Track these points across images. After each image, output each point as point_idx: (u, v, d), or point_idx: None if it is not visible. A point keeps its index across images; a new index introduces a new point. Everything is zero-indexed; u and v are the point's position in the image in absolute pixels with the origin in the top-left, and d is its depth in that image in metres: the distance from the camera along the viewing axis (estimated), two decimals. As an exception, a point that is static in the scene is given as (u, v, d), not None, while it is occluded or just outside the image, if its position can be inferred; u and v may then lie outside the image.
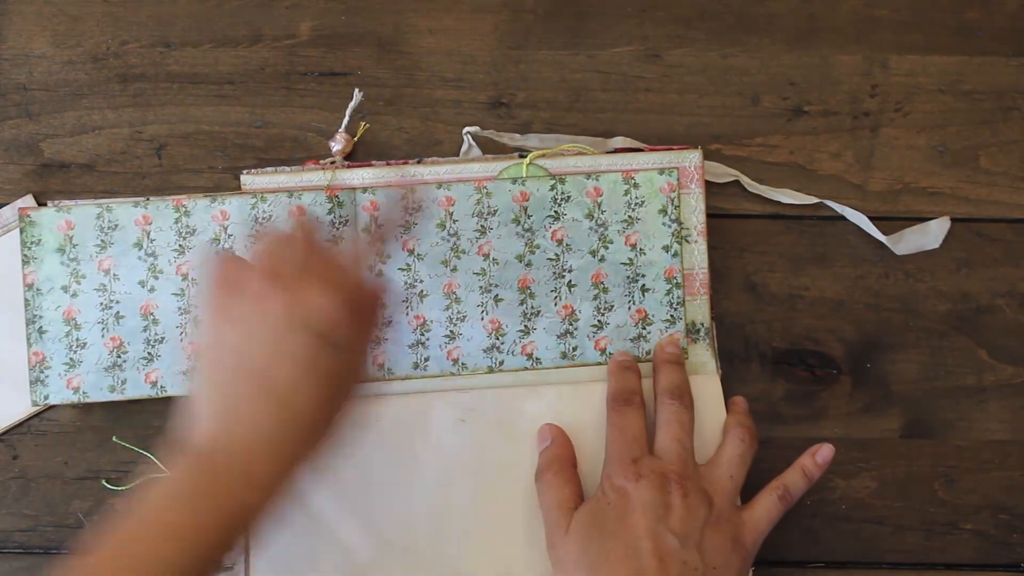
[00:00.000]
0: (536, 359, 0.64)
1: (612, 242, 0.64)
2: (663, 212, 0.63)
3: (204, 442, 0.50)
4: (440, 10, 0.69)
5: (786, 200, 0.66)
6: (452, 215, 0.63)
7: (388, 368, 0.63)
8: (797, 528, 0.63)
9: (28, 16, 0.68)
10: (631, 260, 0.64)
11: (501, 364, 0.64)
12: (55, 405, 0.63)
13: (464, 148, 0.66)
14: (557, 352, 0.64)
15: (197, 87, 0.68)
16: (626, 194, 0.64)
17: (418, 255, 0.63)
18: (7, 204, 0.65)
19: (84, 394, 0.62)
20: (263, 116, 0.67)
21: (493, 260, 0.64)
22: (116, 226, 0.63)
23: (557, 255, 0.64)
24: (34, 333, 0.63)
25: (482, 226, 0.64)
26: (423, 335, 0.63)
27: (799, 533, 0.63)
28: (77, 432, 0.64)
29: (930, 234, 0.66)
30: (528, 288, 0.64)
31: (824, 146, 0.67)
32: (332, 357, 0.51)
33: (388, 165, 0.64)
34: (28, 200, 0.65)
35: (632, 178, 0.64)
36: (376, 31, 0.68)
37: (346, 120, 0.66)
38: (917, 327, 0.65)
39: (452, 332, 0.63)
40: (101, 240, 0.63)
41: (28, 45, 0.68)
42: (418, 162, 0.64)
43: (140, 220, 0.63)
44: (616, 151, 0.65)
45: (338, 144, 0.66)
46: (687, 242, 0.64)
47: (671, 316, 0.64)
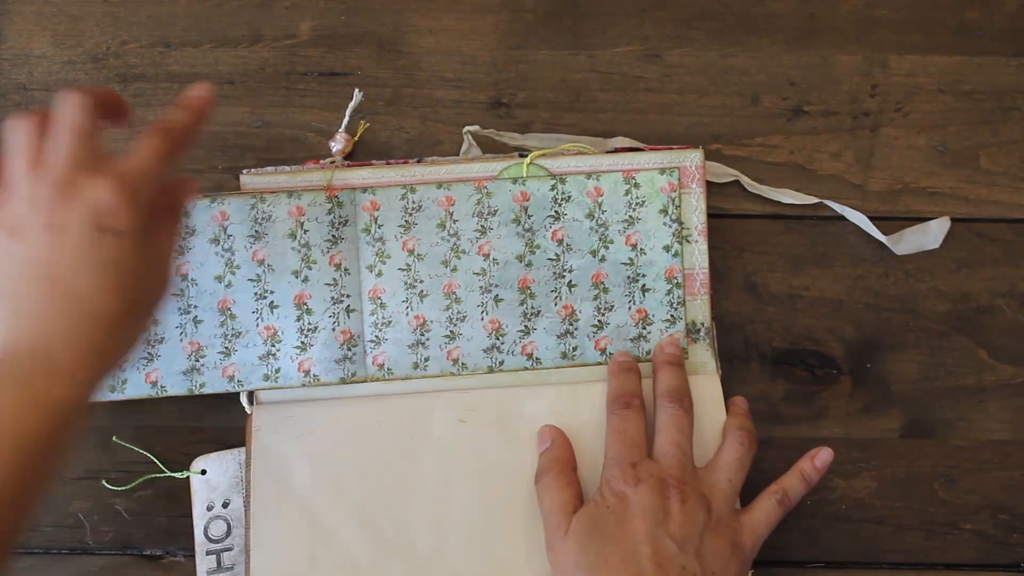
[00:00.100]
0: (536, 359, 0.64)
1: (612, 242, 0.63)
2: (664, 212, 0.63)
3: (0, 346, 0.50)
4: (440, 10, 0.69)
5: (786, 200, 0.66)
6: (452, 215, 0.63)
7: (388, 368, 0.63)
8: (797, 528, 0.63)
9: (28, 16, 0.68)
10: (631, 260, 0.64)
11: (501, 364, 0.64)
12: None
13: (464, 147, 0.66)
14: (557, 352, 0.64)
15: (197, 87, 0.68)
16: (627, 194, 0.63)
17: (418, 255, 0.63)
18: (7, 204, 0.65)
19: None
20: (263, 116, 0.67)
21: (493, 260, 0.63)
22: None
23: (557, 255, 0.64)
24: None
25: (482, 226, 0.63)
26: (423, 335, 0.63)
27: (799, 533, 0.63)
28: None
29: (930, 234, 0.66)
30: (528, 288, 0.64)
31: (824, 146, 0.67)
32: (115, 245, 0.50)
33: (388, 165, 0.64)
34: (28, 200, 0.65)
35: (633, 178, 0.64)
36: (376, 31, 0.68)
37: (346, 120, 0.66)
38: (917, 327, 0.65)
39: (452, 332, 0.63)
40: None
41: (28, 45, 0.68)
42: (418, 162, 0.64)
43: None
44: (616, 151, 0.65)
45: (338, 144, 0.66)
46: (688, 242, 0.64)
47: (671, 316, 0.64)
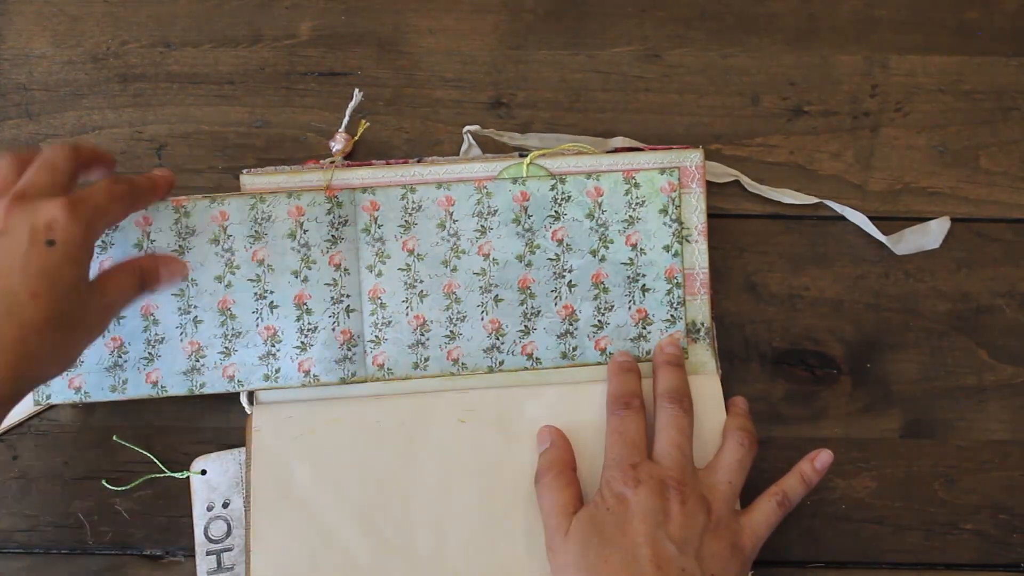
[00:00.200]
0: (536, 359, 0.64)
1: (612, 242, 0.63)
2: (664, 212, 0.63)
3: None
4: (440, 10, 0.69)
5: (786, 200, 0.66)
6: (452, 215, 0.63)
7: (388, 368, 0.63)
8: (797, 528, 0.63)
9: (28, 16, 0.68)
10: (631, 260, 0.64)
11: (501, 364, 0.64)
12: (56, 404, 0.63)
13: (464, 147, 0.66)
14: (557, 352, 0.64)
15: (197, 87, 0.68)
16: (627, 194, 0.63)
17: (418, 255, 0.63)
18: (7, 204, 0.65)
19: (85, 393, 0.62)
20: (263, 116, 0.67)
21: (493, 260, 0.63)
22: (116, 227, 0.63)
23: (557, 255, 0.64)
24: (34, 333, 0.63)
25: (482, 226, 0.63)
26: (423, 335, 0.63)
27: (799, 533, 0.63)
28: (77, 432, 0.64)
29: (930, 234, 0.66)
30: (528, 288, 0.64)
31: (824, 146, 0.67)
32: (49, 254, 0.53)
33: (388, 165, 0.64)
34: (28, 200, 0.65)
35: (633, 178, 0.63)
36: (376, 31, 0.68)
37: (346, 120, 0.66)
38: (917, 327, 0.65)
39: (452, 332, 0.63)
40: (102, 241, 0.63)
41: (28, 45, 0.68)
42: (418, 161, 0.64)
43: (140, 221, 0.63)
44: (616, 151, 0.65)
45: (338, 144, 0.66)
46: (688, 242, 0.64)
47: (671, 316, 0.64)
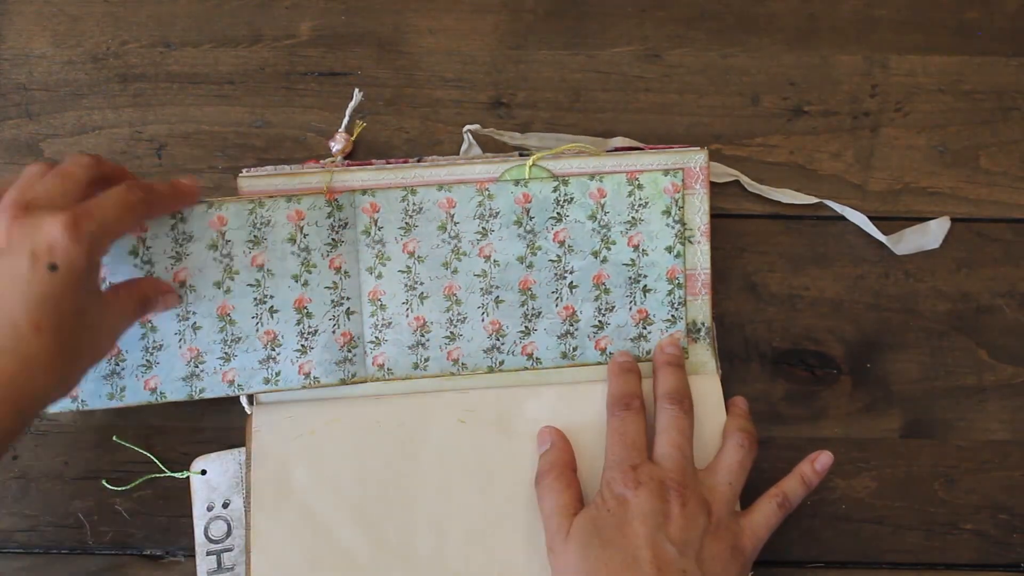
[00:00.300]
0: (536, 359, 0.64)
1: (615, 243, 0.63)
2: (667, 213, 0.63)
3: None
4: (440, 10, 0.69)
5: (786, 200, 0.66)
6: (453, 217, 0.63)
7: (388, 368, 0.63)
8: (797, 528, 0.63)
9: (28, 16, 0.68)
10: (633, 261, 0.63)
11: (501, 364, 0.64)
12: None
13: (464, 147, 0.66)
14: (557, 352, 0.64)
15: (197, 87, 0.67)
16: (630, 195, 0.63)
17: (418, 257, 0.63)
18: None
19: (83, 402, 0.62)
20: (263, 116, 0.67)
21: (494, 262, 0.63)
22: None
23: (559, 256, 0.63)
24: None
25: (483, 228, 0.63)
26: (423, 336, 0.63)
27: (799, 533, 0.63)
28: (77, 432, 0.64)
29: (930, 234, 0.66)
30: (529, 289, 0.63)
31: (824, 146, 0.67)
32: (49, 280, 0.51)
33: (388, 164, 0.64)
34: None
35: (636, 179, 0.63)
36: (376, 31, 0.68)
37: (346, 120, 0.66)
38: (917, 327, 0.66)
39: (452, 333, 0.63)
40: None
41: (28, 45, 0.68)
42: (418, 161, 0.64)
43: (135, 227, 0.62)
44: (616, 150, 0.64)
45: (338, 144, 0.66)
46: (690, 242, 0.64)
47: (672, 316, 0.64)
